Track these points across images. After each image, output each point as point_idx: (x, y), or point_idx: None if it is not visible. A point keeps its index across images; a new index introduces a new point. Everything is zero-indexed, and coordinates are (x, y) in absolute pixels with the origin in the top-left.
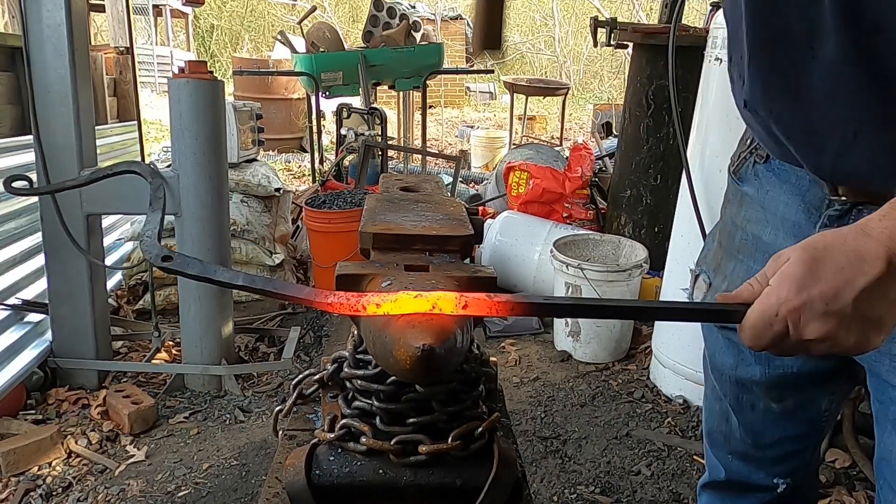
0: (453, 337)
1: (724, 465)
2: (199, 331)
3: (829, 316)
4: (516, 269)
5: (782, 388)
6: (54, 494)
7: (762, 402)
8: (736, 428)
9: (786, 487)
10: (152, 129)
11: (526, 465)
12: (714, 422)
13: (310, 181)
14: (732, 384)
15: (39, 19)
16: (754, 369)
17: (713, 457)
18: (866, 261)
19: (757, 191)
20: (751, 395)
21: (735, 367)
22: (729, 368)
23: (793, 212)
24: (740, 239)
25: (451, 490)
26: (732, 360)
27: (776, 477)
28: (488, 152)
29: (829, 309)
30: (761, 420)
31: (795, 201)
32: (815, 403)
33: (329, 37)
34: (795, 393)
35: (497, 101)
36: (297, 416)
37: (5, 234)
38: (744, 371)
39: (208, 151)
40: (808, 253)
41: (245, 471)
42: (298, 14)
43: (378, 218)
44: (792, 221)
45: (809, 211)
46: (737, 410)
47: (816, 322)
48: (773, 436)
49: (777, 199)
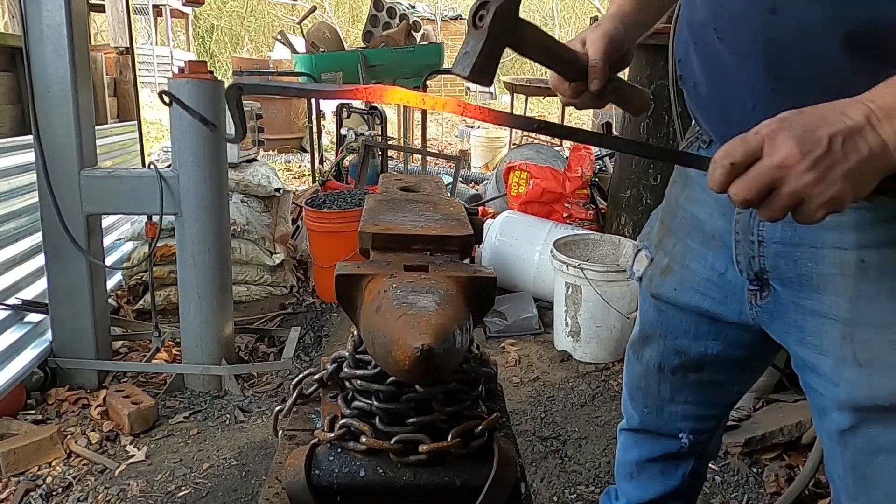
0: (453, 337)
1: (639, 416)
2: (199, 331)
3: (805, 141)
4: (516, 269)
5: (702, 363)
6: (54, 494)
7: (681, 369)
8: (654, 387)
9: (690, 443)
10: (152, 129)
11: (526, 465)
12: (634, 381)
13: (310, 181)
14: (659, 350)
15: (39, 19)
16: (681, 343)
17: (630, 407)
18: (847, 114)
19: (698, 173)
20: (674, 360)
21: (664, 337)
22: (659, 336)
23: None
24: (681, 217)
25: (451, 490)
26: (663, 330)
27: (682, 433)
28: (488, 152)
29: (805, 134)
30: (679, 383)
31: None
32: (729, 384)
33: (329, 37)
34: (713, 371)
35: (497, 101)
36: (297, 416)
37: (5, 234)
38: (671, 343)
39: (208, 151)
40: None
41: (245, 471)
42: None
43: (378, 218)
44: (724, 203)
45: None
46: (658, 370)
47: (791, 142)
48: (685, 398)
49: None
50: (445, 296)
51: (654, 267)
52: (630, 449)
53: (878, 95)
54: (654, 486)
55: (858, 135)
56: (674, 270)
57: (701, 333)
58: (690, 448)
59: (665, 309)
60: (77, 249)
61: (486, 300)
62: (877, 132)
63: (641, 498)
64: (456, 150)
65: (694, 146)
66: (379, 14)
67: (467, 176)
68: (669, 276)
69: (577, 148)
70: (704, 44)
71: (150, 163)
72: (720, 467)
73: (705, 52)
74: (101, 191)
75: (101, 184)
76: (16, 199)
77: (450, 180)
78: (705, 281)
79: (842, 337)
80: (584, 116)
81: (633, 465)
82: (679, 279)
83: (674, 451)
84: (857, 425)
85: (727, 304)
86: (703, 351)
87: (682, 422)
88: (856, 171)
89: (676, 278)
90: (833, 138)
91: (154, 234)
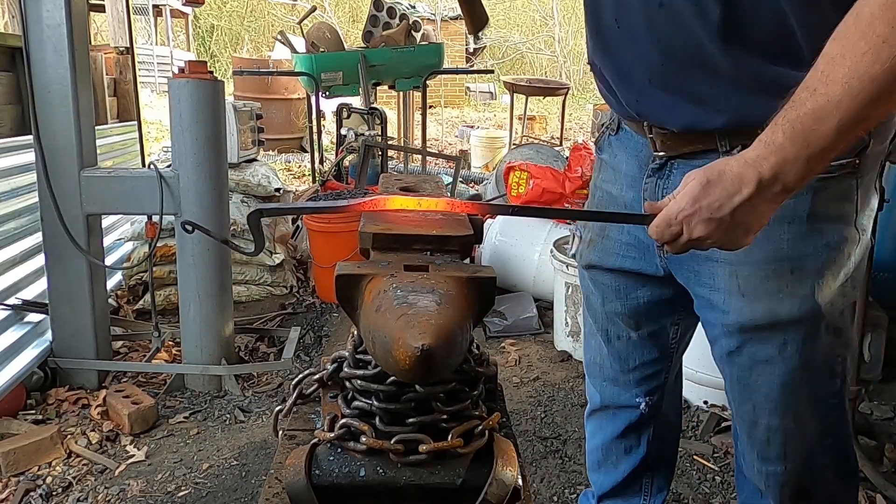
0: (453, 337)
1: (598, 391)
2: (199, 331)
3: (712, 221)
4: (516, 269)
5: (637, 316)
6: (54, 494)
7: (624, 332)
8: (606, 357)
9: (647, 406)
10: (152, 129)
11: (526, 465)
12: (591, 355)
13: (310, 181)
14: (602, 319)
15: (39, 19)
16: (616, 304)
17: (591, 386)
18: (744, 183)
19: (609, 156)
20: (616, 327)
21: (602, 304)
22: (598, 305)
23: (632, 168)
24: (599, 197)
25: (451, 490)
26: (600, 299)
27: (638, 397)
28: (488, 152)
29: (712, 216)
30: (625, 348)
31: (633, 160)
32: (664, 331)
33: (329, 37)
34: (648, 321)
35: (497, 101)
36: (297, 416)
37: (5, 234)
38: (609, 307)
39: (208, 151)
40: (706, 175)
41: (245, 471)
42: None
43: (378, 218)
44: (631, 176)
45: (641, 166)
46: (606, 342)
47: (702, 225)
48: (634, 361)
49: (622, 160)
50: (446, 296)
51: (582, 244)
52: (595, 435)
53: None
54: (622, 465)
55: (754, 201)
56: (596, 242)
57: (630, 288)
58: (649, 412)
59: (595, 276)
60: (77, 249)
61: (487, 300)
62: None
63: (613, 482)
64: (456, 151)
65: (605, 135)
66: (379, 14)
67: (467, 176)
68: (593, 247)
69: (578, 148)
70: (607, 33)
71: (150, 163)
72: (720, 467)
73: (608, 41)
74: (101, 191)
75: (101, 184)
76: (16, 199)
77: (450, 180)
78: (625, 245)
79: (728, 275)
80: (583, 117)
81: (600, 451)
82: (601, 248)
83: (634, 420)
84: (741, 346)
85: (646, 259)
86: (637, 303)
87: (637, 387)
88: (755, 222)
89: (599, 247)
90: (735, 212)
91: (154, 234)
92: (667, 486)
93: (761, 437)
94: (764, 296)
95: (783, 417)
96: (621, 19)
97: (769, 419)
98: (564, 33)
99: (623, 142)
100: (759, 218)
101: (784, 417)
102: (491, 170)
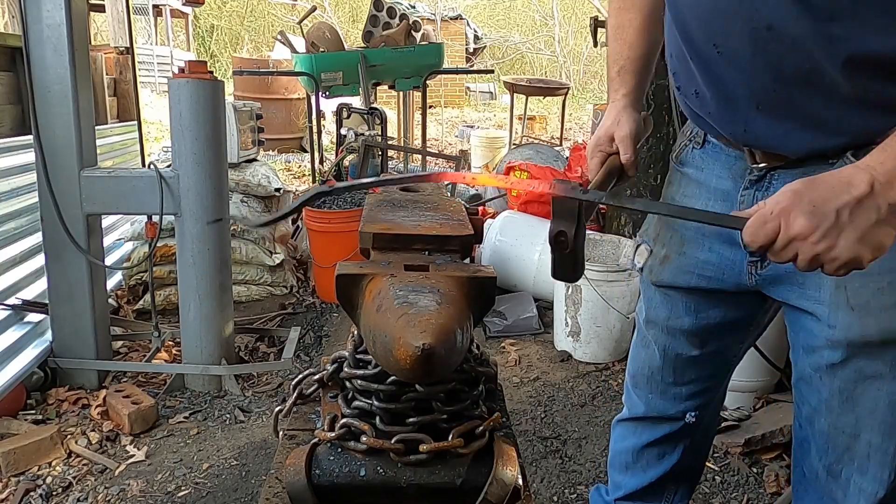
0: (453, 336)
1: (644, 402)
2: (199, 331)
3: (814, 215)
4: (516, 269)
5: (705, 335)
6: (54, 494)
7: (686, 349)
8: (658, 370)
9: (694, 419)
10: (152, 129)
11: (526, 465)
12: (639, 365)
13: (310, 181)
14: (663, 334)
15: (39, 19)
16: (684, 321)
17: (634, 396)
18: (853, 184)
19: (694, 170)
20: (677, 342)
21: (668, 319)
22: (662, 320)
23: (724, 182)
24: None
25: (451, 490)
26: (666, 314)
27: (688, 411)
28: (488, 152)
29: (814, 210)
30: (682, 364)
31: (725, 173)
32: (730, 349)
33: (329, 37)
34: (715, 340)
35: (497, 101)
36: (297, 416)
37: (5, 234)
38: (675, 322)
39: (208, 151)
40: (809, 178)
41: (245, 471)
42: (298, 14)
43: (378, 218)
44: (722, 190)
45: (735, 179)
46: (662, 356)
47: (802, 218)
48: (690, 376)
49: (711, 174)
50: (446, 295)
51: (653, 258)
52: (627, 438)
53: (878, 162)
54: (651, 470)
55: (865, 204)
56: (672, 258)
57: (701, 307)
58: (693, 424)
59: (667, 293)
60: (77, 249)
61: (487, 300)
62: (883, 198)
63: (639, 485)
64: (456, 150)
65: (688, 147)
66: (379, 14)
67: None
68: (668, 264)
69: (577, 148)
70: (705, 58)
71: (150, 163)
72: (720, 467)
73: (707, 65)
74: (101, 191)
75: (101, 184)
76: (16, 199)
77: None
78: (703, 263)
79: (835, 287)
80: (583, 117)
81: (630, 454)
82: (677, 265)
83: (675, 430)
84: (847, 359)
85: (724, 279)
86: (706, 322)
87: (688, 400)
88: (867, 235)
89: (675, 265)
90: (840, 211)
91: (154, 234)
92: (689, 496)
93: (863, 450)
94: (876, 310)
95: (888, 437)
96: (722, 45)
97: (871, 436)
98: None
99: (711, 155)
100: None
101: (890, 437)
102: (491, 170)
